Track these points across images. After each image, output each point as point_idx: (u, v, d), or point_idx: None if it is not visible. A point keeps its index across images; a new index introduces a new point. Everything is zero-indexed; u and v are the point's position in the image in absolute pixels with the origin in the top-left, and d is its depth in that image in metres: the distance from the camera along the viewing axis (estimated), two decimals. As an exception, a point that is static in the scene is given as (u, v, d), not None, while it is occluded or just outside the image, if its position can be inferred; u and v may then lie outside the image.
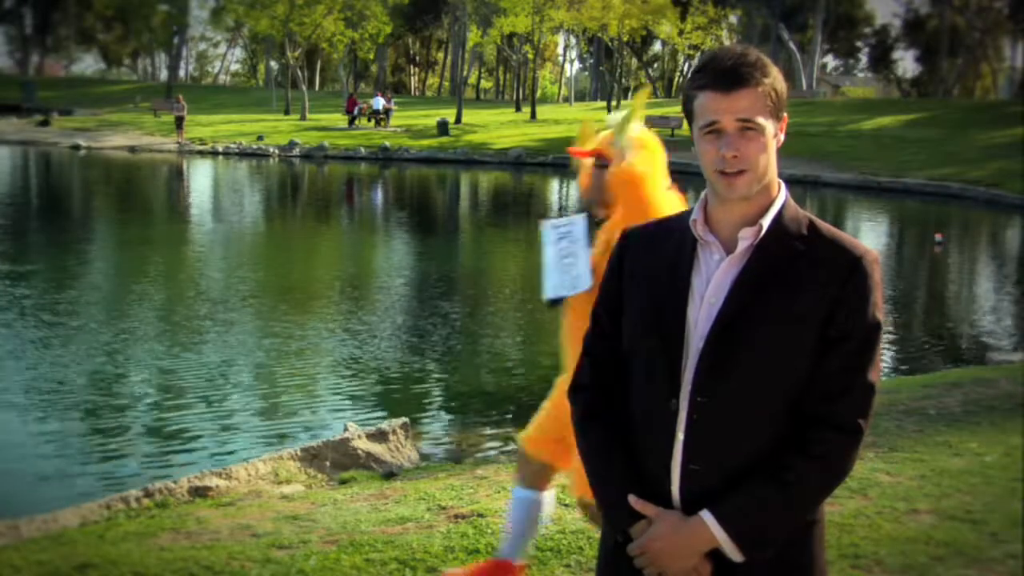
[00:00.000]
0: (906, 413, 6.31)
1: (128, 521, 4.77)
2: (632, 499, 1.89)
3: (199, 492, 5.21)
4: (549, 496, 3.47)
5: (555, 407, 3.34)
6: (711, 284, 1.86)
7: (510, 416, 7.74)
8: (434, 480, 5.36)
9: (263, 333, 9.90)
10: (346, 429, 6.14)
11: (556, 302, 3.20)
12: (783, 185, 1.92)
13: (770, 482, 1.80)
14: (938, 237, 18.60)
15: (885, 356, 10.14)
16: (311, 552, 4.05)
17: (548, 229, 3.26)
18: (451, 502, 4.72)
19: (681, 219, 1.96)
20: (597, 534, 4.14)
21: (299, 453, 5.77)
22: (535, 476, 3.40)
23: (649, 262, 1.95)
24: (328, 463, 5.72)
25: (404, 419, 6.35)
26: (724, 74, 1.79)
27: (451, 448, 6.90)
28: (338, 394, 8.15)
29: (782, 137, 1.87)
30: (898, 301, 13.07)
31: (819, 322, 1.80)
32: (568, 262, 3.12)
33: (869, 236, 20.94)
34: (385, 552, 4.01)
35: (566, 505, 4.66)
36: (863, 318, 1.81)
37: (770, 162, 1.85)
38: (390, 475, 5.78)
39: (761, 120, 1.80)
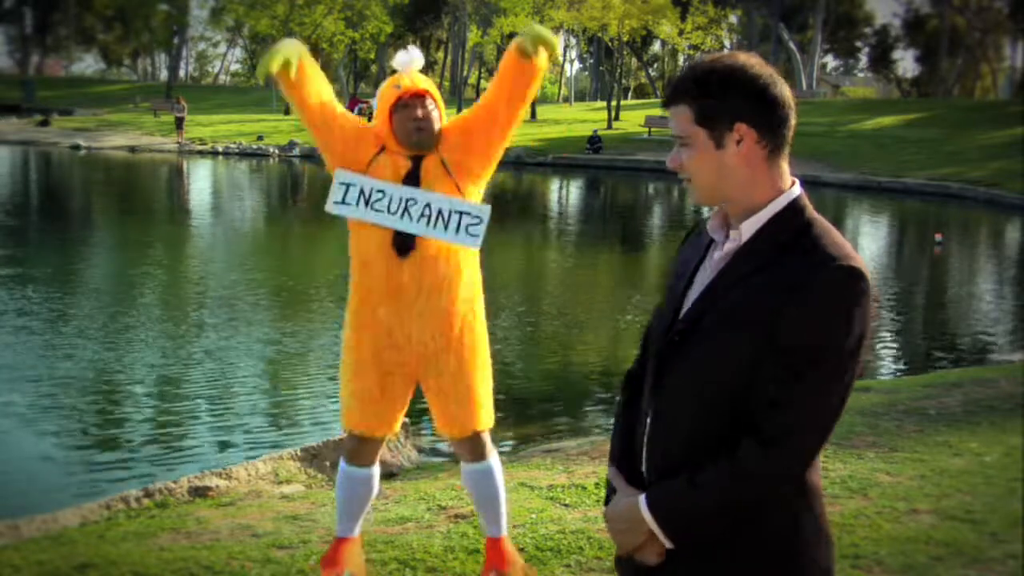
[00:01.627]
0: (906, 413, 6.30)
1: (128, 521, 4.77)
2: (610, 471, 2.03)
3: (199, 492, 5.21)
4: (375, 470, 3.60)
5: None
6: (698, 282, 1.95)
7: (510, 416, 7.73)
8: (434, 480, 5.36)
9: (263, 333, 9.90)
10: (346, 429, 6.14)
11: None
12: (789, 189, 1.88)
13: (689, 478, 1.84)
14: (938, 237, 18.59)
15: (885, 356, 10.12)
16: (311, 552, 4.06)
17: (339, 208, 3.32)
18: (451, 502, 4.72)
19: None
20: (598, 534, 4.15)
21: (299, 453, 5.77)
22: (357, 452, 3.53)
23: (682, 258, 2.05)
24: (328, 463, 5.71)
25: (404, 419, 6.34)
26: (668, 90, 1.90)
27: (451, 448, 6.89)
28: (338, 394, 8.14)
29: (748, 144, 1.83)
30: (898, 301, 13.08)
31: (766, 330, 1.77)
32: (393, 198, 3.26)
33: (869, 236, 20.95)
34: (385, 552, 4.02)
35: (566, 505, 4.66)
36: (809, 331, 1.74)
37: (722, 171, 1.86)
38: (390, 475, 5.78)
39: (689, 134, 1.86)
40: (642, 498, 1.89)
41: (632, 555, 1.94)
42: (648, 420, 1.96)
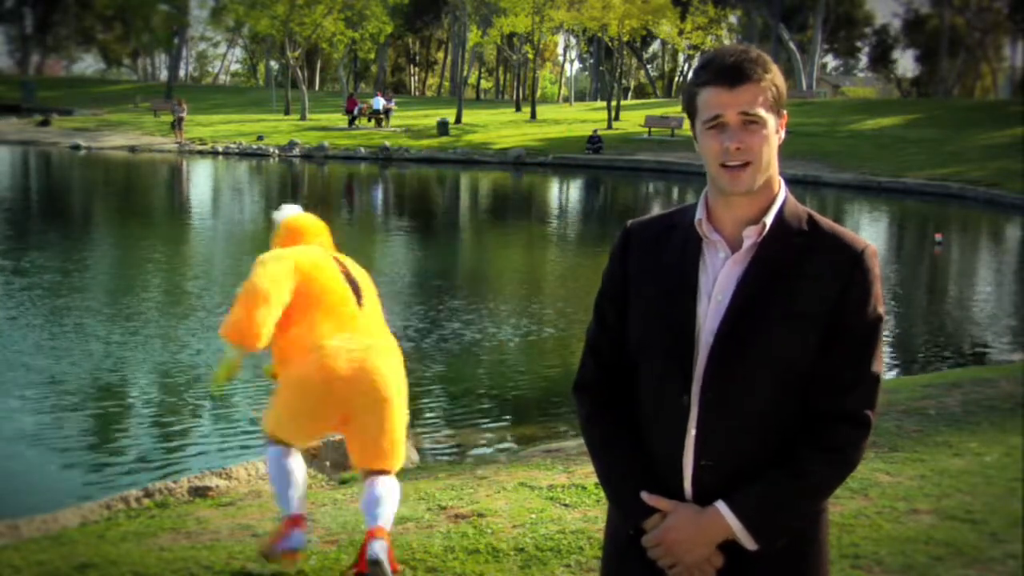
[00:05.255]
0: (906, 413, 6.30)
1: (128, 521, 4.77)
2: (645, 495, 1.93)
3: (199, 492, 5.21)
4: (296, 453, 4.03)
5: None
6: (717, 282, 1.90)
7: (510, 416, 7.74)
8: (434, 480, 5.36)
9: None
10: (346, 429, 6.13)
11: None
12: (783, 182, 1.95)
13: (783, 475, 1.85)
14: (938, 237, 18.60)
15: (885, 356, 10.13)
16: (311, 552, 4.05)
17: None
18: (451, 502, 4.72)
19: (684, 215, 1.99)
20: (597, 534, 4.14)
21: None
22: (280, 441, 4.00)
23: (655, 259, 1.98)
24: (328, 463, 5.72)
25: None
26: (727, 70, 1.84)
27: (451, 448, 6.90)
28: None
29: (783, 134, 1.91)
30: (898, 301, 13.07)
31: (824, 318, 1.84)
32: None
33: (869, 236, 20.94)
34: (385, 552, 4.01)
35: (566, 505, 4.66)
36: (866, 312, 1.85)
37: (772, 157, 1.88)
38: (390, 475, 5.77)
39: (763, 113, 1.84)
40: (721, 507, 1.86)
41: (685, 573, 1.90)
42: (696, 422, 1.89)
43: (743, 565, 1.89)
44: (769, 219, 1.88)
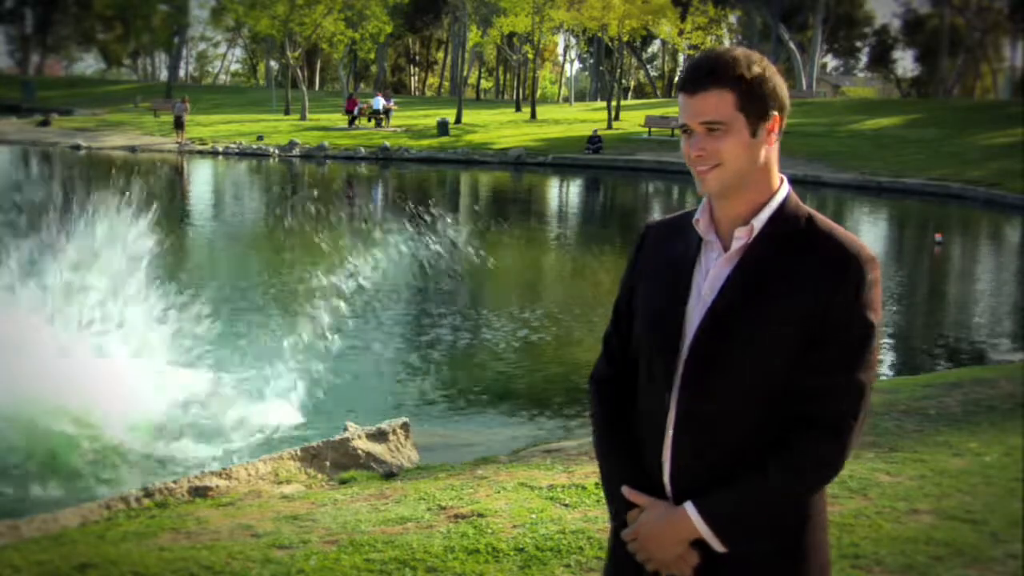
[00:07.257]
0: (906, 413, 6.30)
1: (128, 521, 4.77)
2: (625, 489, 1.96)
3: (199, 492, 5.21)
4: None
5: None
6: (707, 282, 1.90)
7: (510, 416, 7.74)
8: (434, 480, 5.36)
9: (262, 332, 9.88)
10: (346, 429, 6.14)
11: None
12: (785, 181, 1.94)
13: (753, 478, 1.83)
14: (938, 237, 18.60)
15: (886, 356, 10.13)
16: (311, 552, 4.05)
17: None
18: (451, 502, 4.72)
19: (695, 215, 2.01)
20: (597, 534, 4.15)
21: (299, 453, 5.77)
22: None
23: (659, 259, 2.01)
24: (328, 463, 5.72)
25: (404, 419, 6.35)
26: (691, 76, 1.86)
27: (451, 448, 6.90)
28: (338, 394, 8.14)
29: (775, 135, 1.89)
30: (898, 301, 13.07)
31: (809, 321, 1.82)
32: None
33: (869, 236, 20.94)
34: (385, 552, 4.01)
35: (566, 505, 4.67)
36: (853, 318, 1.82)
37: (752, 158, 1.86)
38: (390, 475, 5.78)
39: (727, 119, 1.83)
40: (689, 507, 1.86)
41: (661, 569, 1.91)
42: (674, 421, 1.90)
43: (729, 565, 1.88)
44: (758, 221, 1.88)
